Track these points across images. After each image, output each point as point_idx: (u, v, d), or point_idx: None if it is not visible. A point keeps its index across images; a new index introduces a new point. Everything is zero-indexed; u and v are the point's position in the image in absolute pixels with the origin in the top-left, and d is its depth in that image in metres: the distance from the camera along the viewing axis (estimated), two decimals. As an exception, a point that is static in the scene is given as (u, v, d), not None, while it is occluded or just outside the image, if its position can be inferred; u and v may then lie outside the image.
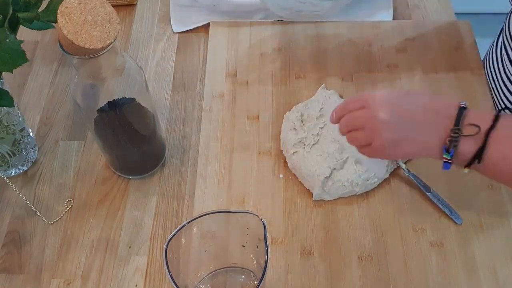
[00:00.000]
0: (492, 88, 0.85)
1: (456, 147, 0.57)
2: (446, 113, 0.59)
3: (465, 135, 0.57)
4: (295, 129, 0.78)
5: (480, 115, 0.58)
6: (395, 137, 0.60)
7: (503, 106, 0.82)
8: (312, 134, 0.77)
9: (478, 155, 0.57)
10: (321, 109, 0.80)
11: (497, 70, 0.85)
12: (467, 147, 0.57)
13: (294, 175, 0.77)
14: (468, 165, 0.59)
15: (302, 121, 0.79)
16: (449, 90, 0.85)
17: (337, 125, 0.67)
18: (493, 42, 0.90)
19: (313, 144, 0.76)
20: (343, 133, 0.66)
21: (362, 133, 0.63)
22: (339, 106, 0.66)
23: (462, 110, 0.58)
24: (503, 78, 0.82)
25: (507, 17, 0.82)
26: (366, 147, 0.63)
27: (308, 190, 0.76)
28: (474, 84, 0.85)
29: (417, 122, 0.59)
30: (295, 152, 0.76)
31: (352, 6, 0.92)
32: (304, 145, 0.76)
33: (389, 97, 0.61)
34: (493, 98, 0.84)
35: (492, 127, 0.56)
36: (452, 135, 0.57)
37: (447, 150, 0.58)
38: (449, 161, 0.59)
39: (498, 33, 0.88)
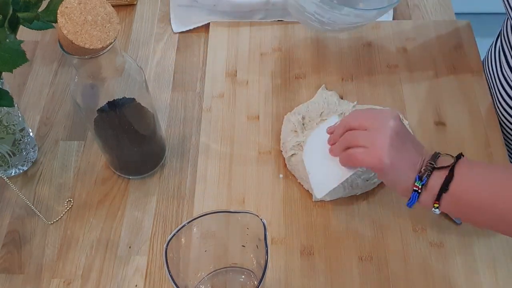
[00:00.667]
0: (491, 88, 0.85)
1: (429, 176, 0.62)
2: (422, 149, 0.65)
3: (438, 167, 0.62)
4: (295, 131, 0.78)
5: (446, 157, 0.64)
6: (394, 147, 0.63)
7: (501, 107, 0.82)
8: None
9: (446, 185, 0.61)
10: (321, 113, 0.80)
11: (495, 71, 0.85)
12: (435, 179, 0.62)
13: (294, 175, 0.77)
14: (437, 198, 0.62)
15: (303, 124, 0.79)
16: (449, 90, 0.85)
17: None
18: (492, 44, 0.90)
19: None
20: (343, 131, 0.67)
21: (363, 133, 0.65)
22: (337, 124, 0.69)
23: (437, 153, 0.64)
24: (500, 80, 0.82)
25: (505, 20, 0.82)
26: (362, 149, 0.65)
27: (308, 190, 0.76)
28: (474, 84, 0.85)
29: (409, 145, 0.64)
30: (293, 154, 0.76)
31: (351, 6, 0.92)
32: (303, 148, 0.76)
33: (396, 115, 0.65)
34: (492, 98, 0.84)
35: (454, 163, 0.62)
36: (428, 165, 0.62)
37: (420, 178, 0.62)
38: (418, 190, 0.62)
39: (497, 36, 0.88)
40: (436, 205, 0.63)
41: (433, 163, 0.62)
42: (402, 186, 0.64)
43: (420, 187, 0.62)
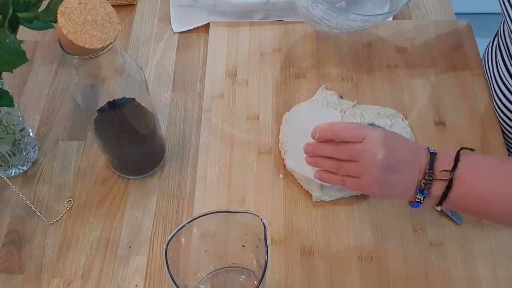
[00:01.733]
0: (489, 87, 0.86)
1: (429, 188, 0.64)
2: (421, 157, 0.65)
3: (437, 179, 0.63)
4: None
5: (446, 157, 0.64)
6: (384, 178, 0.64)
7: (497, 106, 0.82)
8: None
9: (446, 195, 0.63)
10: (320, 112, 0.80)
11: (491, 70, 0.85)
12: (437, 189, 0.64)
13: (294, 175, 0.77)
14: (439, 204, 0.65)
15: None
16: (449, 90, 0.85)
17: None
18: (489, 43, 0.90)
19: None
20: (328, 157, 0.69)
21: (355, 165, 0.66)
22: (326, 126, 0.69)
23: (432, 155, 0.64)
24: (496, 79, 0.83)
25: (502, 18, 0.82)
26: (351, 179, 0.67)
27: (308, 190, 0.76)
28: (474, 84, 0.85)
29: (403, 166, 0.65)
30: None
31: (350, 6, 0.92)
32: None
33: (385, 138, 0.65)
34: (492, 97, 0.84)
35: (454, 167, 0.63)
36: (427, 178, 0.63)
37: (421, 191, 0.64)
38: (420, 201, 0.65)
39: (494, 34, 0.89)
40: (438, 207, 0.66)
41: (431, 174, 0.63)
42: (404, 198, 0.67)
43: (422, 198, 0.64)
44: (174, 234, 0.57)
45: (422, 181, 0.64)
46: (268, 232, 0.56)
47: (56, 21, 0.57)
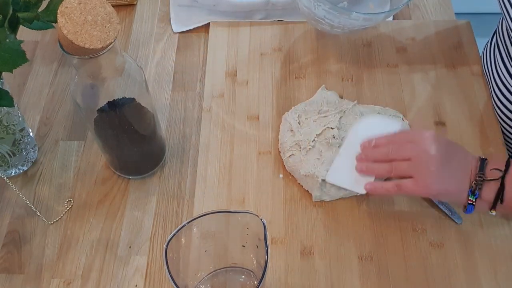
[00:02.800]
0: (488, 86, 0.86)
1: (480, 189, 0.65)
2: (471, 159, 0.67)
3: (488, 179, 0.65)
4: (292, 130, 0.78)
5: (496, 162, 0.66)
6: (440, 173, 0.65)
7: (495, 105, 0.82)
8: (308, 139, 0.76)
9: (499, 197, 0.65)
10: (319, 111, 0.80)
11: (490, 69, 0.85)
12: (489, 192, 0.65)
13: (294, 176, 0.77)
14: (493, 207, 0.66)
15: (299, 123, 0.79)
16: (449, 90, 0.85)
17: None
18: (488, 41, 0.90)
19: (309, 149, 0.76)
20: (381, 160, 0.70)
21: (406, 164, 0.67)
22: (382, 137, 0.71)
23: (483, 160, 0.66)
24: (495, 77, 0.83)
25: (500, 17, 0.82)
26: (407, 182, 0.67)
27: (307, 190, 0.76)
28: (474, 83, 0.85)
29: (455, 163, 0.66)
30: (291, 155, 0.76)
31: (351, 6, 0.92)
32: (300, 147, 0.76)
33: (435, 137, 0.67)
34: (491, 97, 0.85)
35: (505, 171, 0.65)
36: (477, 178, 0.65)
37: (473, 193, 0.65)
38: (473, 203, 0.66)
39: (493, 33, 0.89)
40: (493, 212, 0.66)
41: (482, 175, 0.65)
42: (457, 201, 0.68)
43: (474, 200, 0.65)
44: (174, 234, 0.57)
45: (473, 182, 0.65)
46: (268, 232, 0.56)
47: (56, 21, 0.57)
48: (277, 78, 0.88)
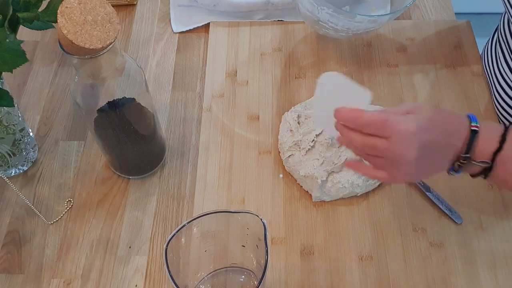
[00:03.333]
0: (489, 84, 0.86)
1: (464, 169, 0.59)
2: (458, 137, 0.59)
3: (475, 162, 0.58)
4: (291, 130, 0.78)
5: (489, 137, 0.58)
6: (413, 172, 0.59)
7: (497, 103, 0.82)
8: (307, 140, 0.76)
9: (485, 174, 0.59)
10: None
11: (491, 66, 0.85)
12: (474, 170, 0.59)
13: (293, 176, 0.77)
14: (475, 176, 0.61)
15: (298, 123, 0.79)
16: (449, 90, 0.85)
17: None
18: (489, 39, 0.90)
19: (308, 149, 0.76)
20: (355, 152, 0.62)
21: (382, 161, 0.60)
22: (350, 115, 0.59)
23: (473, 134, 0.58)
24: (496, 74, 0.83)
25: (502, 14, 0.82)
26: (379, 173, 0.61)
27: (307, 191, 0.76)
28: (474, 83, 0.85)
29: (435, 152, 0.59)
30: (290, 155, 0.76)
31: (354, 10, 0.92)
32: (299, 148, 0.76)
33: (414, 130, 0.56)
34: (491, 94, 0.84)
35: (498, 149, 0.57)
36: (462, 161, 0.58)
37: (455, 170, 0.60)
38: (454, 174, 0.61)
39: (494, 31, 0.89)
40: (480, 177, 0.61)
41: (467, 158, 0.58)
42: (437, 173, 0.62)
43: (455, 174, 0.61)
44: (174, 234, 0.57)
45: (457, 163, 0.59)
46: (268, 232, 0.56)
47: (56, 21, 0.57)
48: (277, 78, 0.88)
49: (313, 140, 0.76)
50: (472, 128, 0.58)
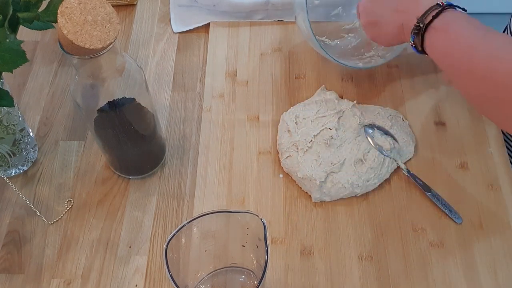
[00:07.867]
0: None
1: (416, 35, 0.67)
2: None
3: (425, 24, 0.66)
4: (289, 131, 0.78)
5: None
6: (370, 20, 0.74)
7: None
8: (305, 140, 0.77)
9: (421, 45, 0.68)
10: (318, 111, 0.80)
11: None
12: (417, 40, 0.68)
13: (292, 176, 0.77)
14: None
15: (296, 123, 0.79)
16: (449, 90, 0.85)
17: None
18: None
19: (306, 150, 0.76)
20: None
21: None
22: None
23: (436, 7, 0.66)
24: None
25: None
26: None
27: (307, 192, 0.76)
28: (474, 84, 0.85)
29: (389, 8, 0.72)
30: (288, 156, 0.76)
31: (352, 7, 0.92)
32: (297, 148, 0.76)
33: None
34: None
35: (430, 21, 0.66)
36: (415, 26, 0.67)
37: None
38: (412, 45, 0.69)
39: (503, 30, 0.89)
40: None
41: (421, 22, 0.66)
42: (397, 38, 0.74)
43: (412, 42, 0.69)
44: (174, 234, 0.57)
45: (413, 31, 0.67)
46: (268, 232, 0.56)
47: (56, 21, 0.57)
48: (277, 78, 0.88)
49: (311, 140, 0.76)
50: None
